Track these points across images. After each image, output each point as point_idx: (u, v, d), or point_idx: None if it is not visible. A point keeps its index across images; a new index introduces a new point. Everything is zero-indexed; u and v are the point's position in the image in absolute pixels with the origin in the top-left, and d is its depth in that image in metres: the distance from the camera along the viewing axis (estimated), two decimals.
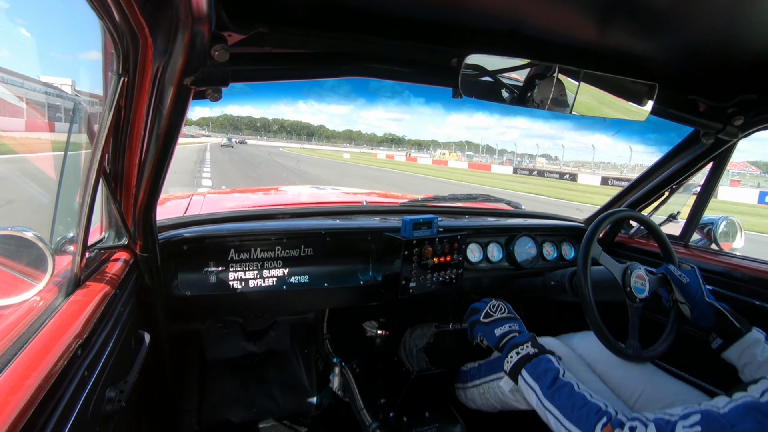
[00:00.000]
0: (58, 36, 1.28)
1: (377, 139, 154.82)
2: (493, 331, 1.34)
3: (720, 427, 0.83)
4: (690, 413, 0.89)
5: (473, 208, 2.18)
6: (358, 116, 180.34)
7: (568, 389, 1.09)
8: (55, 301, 0.81)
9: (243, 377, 1.93)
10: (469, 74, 1.09)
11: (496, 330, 1.34)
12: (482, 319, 1.39)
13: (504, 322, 1.35)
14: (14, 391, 0.54)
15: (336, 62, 1.07)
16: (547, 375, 1.14)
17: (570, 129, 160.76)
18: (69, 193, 0.96)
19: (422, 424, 1.55)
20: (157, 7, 0.75)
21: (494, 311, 1.38)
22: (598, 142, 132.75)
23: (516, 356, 1.23)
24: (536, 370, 1.17)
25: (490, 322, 1.36)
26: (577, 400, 1.06)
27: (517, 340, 1.27)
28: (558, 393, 1.09)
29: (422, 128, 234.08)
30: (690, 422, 0.87)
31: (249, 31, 0.89)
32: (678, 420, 0.89)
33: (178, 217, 1.51)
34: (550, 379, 1.13)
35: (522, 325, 1.35)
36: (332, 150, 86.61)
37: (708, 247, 1.82)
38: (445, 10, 0.97)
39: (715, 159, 1.66)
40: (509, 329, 1.32)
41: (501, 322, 1.35)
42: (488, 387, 1.55)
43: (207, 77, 0.86)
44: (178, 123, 0.94)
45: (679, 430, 0.87)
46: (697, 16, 0.91)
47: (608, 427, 0.98)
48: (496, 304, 1.39)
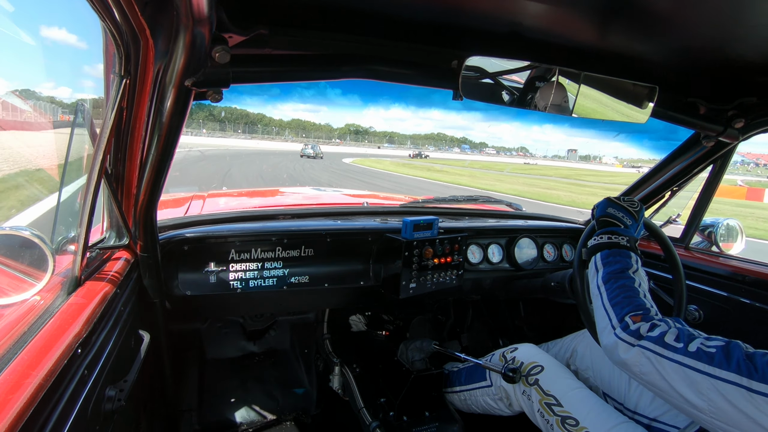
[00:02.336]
0: (59, 37, 1.29)
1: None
2: (608, 208, 1.29)
3: (738, 355, 0.82)
4: (715, 338, 0.89)
5: (473, 210, 2.18)
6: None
7: (627, 282, 1.08)
8: (55, 301, 0.82)
9: (243, 377, 1.94)
10: (470, 76, 1.10)
11: (611, 208, 1.29)
12: (613, 197, 1.34)
13: (623, 211, 1.28)
14: (15, 389, 0.54)
15: (336, 64, 1.07)
16: (617, 264, 1.13)
17: (479, 120, 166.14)
18: (70, 194, 0.97)
19: (422, 424, 1.55)
20: (158, 9, 0.75)
21: (626, 201, 1.32)
22: (502, 131, 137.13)
23: (605, 239, 1.20)
24: (612, 258, 1.16)
25: (614, 201, 1.31)
26: (627, 291, 1.06)
27: (619, 229, 1.23)
28: (616, 279, 1.09)
29: (338, 118, 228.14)
30: (711, 344, 0.86)
31: (249, 32, 0.90)
32: (701, 338, 0.89)
33: (178, 218, 1.52)
34: (618, 268, 1.12)
35: (635, 228, 1.27)
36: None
37: (708, 250, 1.82)
38: (445, 12, 0.97)
39: (715, 161, 1.66)
40: (622, 218, 1.27)
41: (621, 209, 1.29)
42: (469, 395, 1.55)
43: (208, 78, 0.86)
44: (179, 124, 0.94)
45: (696, 343, 0.87)
46: (697, 19, 0.91)
47: (637, 317, 0.99)
48: (635, 200, 1.32)
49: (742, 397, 0.77)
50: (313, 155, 34.86)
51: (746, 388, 0.77)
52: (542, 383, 1.30)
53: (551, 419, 1.24)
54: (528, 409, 1.33)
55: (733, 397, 0.79)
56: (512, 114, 10.86)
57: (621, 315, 1.01)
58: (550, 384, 1.29)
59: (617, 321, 1.01)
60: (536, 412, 1.29)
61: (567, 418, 1.20)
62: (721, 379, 0.81)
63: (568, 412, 1.21)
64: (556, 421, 1.22)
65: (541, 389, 1.29)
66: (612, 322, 1.02)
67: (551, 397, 1.26)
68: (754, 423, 0.76)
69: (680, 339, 0.90)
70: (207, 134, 76.96)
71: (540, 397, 1.28)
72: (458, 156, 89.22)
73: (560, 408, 1.23)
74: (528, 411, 1.34)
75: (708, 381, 0.82)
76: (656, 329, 0.94)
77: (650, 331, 0.94)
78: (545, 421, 1.26)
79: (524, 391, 1.33)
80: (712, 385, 0.82)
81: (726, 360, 0.82)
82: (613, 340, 0.99)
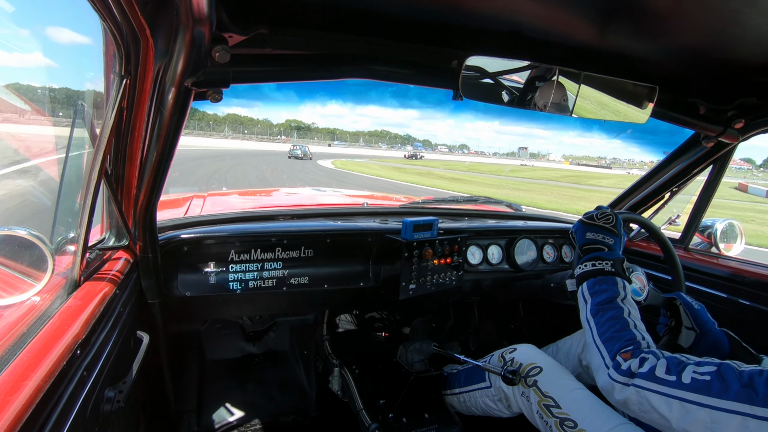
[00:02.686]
0: (60, 38, 1.29)
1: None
2: (587, 233, 1.28)
3: (734, 379, 0.81)
4: (706, 363, 0.87)
5: (473, 210, 2.18)
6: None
7: (615, 313, 1.08)
8: (55, 301, 0.81)
9: (242, 378, 1.93)
10: (470, 76, 1.09)
11: (589, 233, 1.28)
12: (584, 218, 1.33)
13: (602, 231, 1.27)
14: (14, 390, 0.54)
15: (336, 64, 1.07)
16: (603, 294, 1.13)
17: (416, 118, 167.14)
18: (70, 194, 0.97)
19: (421, 425, 1.55)
20: (158, 9, 0.75)
21: (600, 218, 1.30)
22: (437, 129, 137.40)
23: (590, 266, 1.20)
24: (598, 287, 1.15)
25: (589, 223, 1.30)
26: (616, 324, 1.05)
27: (602, 254, 1.22)
28: (604, 312, 1.09)
29: (274, 114, 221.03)
30: (703, 370, 0.85)
31: (250, 32, 0.90)
32: (691, 364, 0.88)
33: (178, 218, 1.52)
34: (605, 298, 1.12)
35: (619, 244, 1.26)
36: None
37: (708, 251, 1.82)
38: (445, 12, 0.97)
39: (715, 162, 1.67)
40: (602, 239, 1.25)
41: (599, 230, 1.27)
42: (468, 396, 1.55)
43: (208, 78, 0.86)
44: (179, 124, 0.94)
45: (688, 372, 0.86)
46: (697, 20, 0.91)
47: (627, 354, 0.98)
48: (609, 215, 1.30)
49: (747, 427, 0.77)
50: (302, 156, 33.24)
51: (751, 416, 0.76)
52: (541, 384, 1.29)
53: (550, 421, 1.23)
54: (527, 411, 1.33)
55: (738, 426, 0.78)
56: (448, 111, 10.14)
57: (613, 353, 1.00)
58: (549, 385, 1.28)
59: (610, 360, 1.00)
60: (535, 414, 1.29)
61: (565, 420, 1.20)
62: (723, 410, 0.79)
63: (567, 413, 1.21)
64: (554, 422, 1.22)
65: (539, 391, 1.29)
66: (605, 361, 1.01)
67: (550, 398, 1.26)
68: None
69: (671, 370, 0.88)
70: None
71: (539, 398, 1.28)
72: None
73: (558, 410, 1.23)
74: (527, 412, 1.33)
75: (711, 414, 0.81)
76: (645, 363, 0.93)
77: (640, 367, 0.93)
78: (544, 422, 1.25)
79: (523, 393, 1.33)
80: (716, 417, 0.80)
81: (724, 388, 0.81)
82: (608, 382, 0.99)
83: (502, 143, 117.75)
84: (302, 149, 35.15)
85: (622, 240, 1.28)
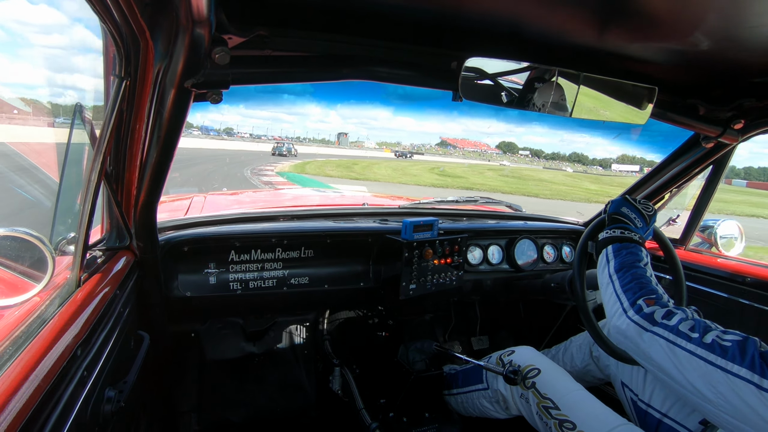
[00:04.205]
0: (61, 39, 1.29)
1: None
2: (623, 207, 1.28)
3: (753, 351, 0.81)
4: (732, 333, 0.87)
5: (473, 211, 2.18)
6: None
7: (639, 271, 1.07)
8: (55, 302, 0.82)
9: (243, 378, 1.93)
10: (469, 77, 1.10)
11: (625, 208, 1.27)
12: (630, 197, 1.32)
13: (638, 213, 1.27)
14: (14, 390, 0.54)
15: (336, 65, 1.07)
16: (629, 256, 1.12)
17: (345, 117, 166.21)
18: (70, 194, 0.97)
19: (421, 425, 1.55)
20: (158, 11, 0.75)
21: (642, 204, 1.30)
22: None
23: (617, 233, 1.19)
24: (624, 251, 1.15)
25: (630, 201, 1.29)
26: (641, 279, 1.05)
27: (630, 226, 1.22)
28: (628, 269, 1.09)
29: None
30: (727, 337, 0.85)
31: (249, 33, 0.90)
32: (717, 330, 0.88)
33: (178, 219, 1.52)
34: (630, 259, 1.11)
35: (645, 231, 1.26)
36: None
37: (708, 251, 1.82)
38: (445, 13, 0.98)
39: (714, 162, 1.67)
40: (634, 218, 1.25)
41: (636, 211, 1.27)
42: (466, 397, 1.55)
43: (208, 80, 0.86)
44: (179, 125, 0.94)
45: (711, 335, 0.86)
46: (696, 21, 0.91)
47: (651, 300, 0.97)
48: (650, 205, 1.30)
49: (752, 394, 0.77)
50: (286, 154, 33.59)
51: (757, 386, 0.77)
52: (539, 386, 1.29)
53: (549, 422, 1.24)
54: (526, 412, 1.33)
55: (743, 392, 0.78)
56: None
57: (633, 299, 1.00)
58: (547, 387, 1.29)
59: (629, 304, 1.00)
60: (535, 415, 1.29)
61: (564, 422, 1.20)
62: (732, 373, 0.80)
63: (566, 415, 1.21)
64: (554, 424, 1.22)
65: (538, 392, 1.29)
66: (624, 305, 1.01)
67: (548, 400, 1.26)
68: (762, 419, 0.76)
69: (696, 329, 0.89)
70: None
71: (537, 400, 1.28)
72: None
73: (557, 411, 1.23)
74: (526, 414, 1.34)
75: (719, 374, 0.81)
76: (673, 317, 0.92)
77: (665, 318, 0.93)
78: (544, 423, 1.26)
79: (522, 394, 1.33)
80: (724, 378, 0.81)
81: (740, 355, 0.81)
82: (625, 322, 0.98)
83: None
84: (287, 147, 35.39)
85: (649, 231, 1.29)
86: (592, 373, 1.58)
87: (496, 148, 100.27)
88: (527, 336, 2.28)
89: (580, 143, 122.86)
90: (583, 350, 1.61)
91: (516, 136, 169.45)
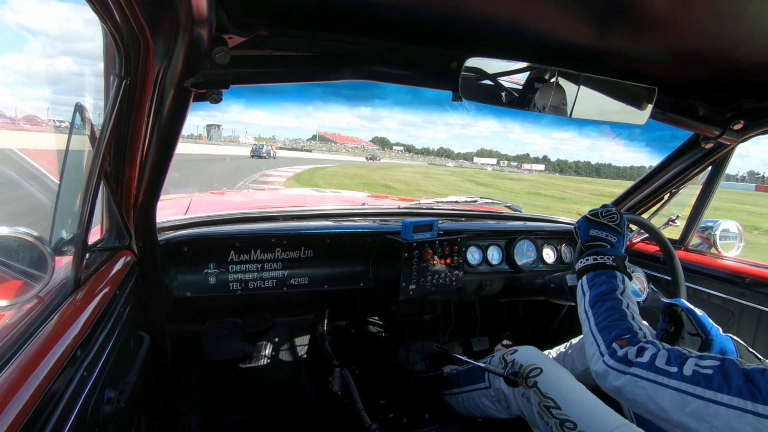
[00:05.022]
0: (61, 39, 1.29)
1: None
2: (590, 230, 1.28)
3: (737, 375, 0.79)
4: (709, 357, 0.85)
5: (473, 211, 2.18)
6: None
7: (613, 304, 1.07)
8: (54, 302, 0.81)
9: (242, 378, 1.93)
10: (469, 77, 1.10)
11: (593, 230, 1.28)
12: (589, 214, 1.33)
13: (605, 229, 1.27)
14: (14, 391, 0.54)
15: (336, 65, 1.07)
16: (603, 286, 1.12)
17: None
18: (69, 194, 0.96)
19: (422, 426, 1.55)
20: (159, 10, 0.75)
21: (604, 216, 1.30)
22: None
23: (591, 261, 1.20)
24: (597, 280, 1.14)
25: (593, 220, 1.30)
26: (614, 314, 1.04)
27: (604, 250, 1.22)
28: (602, 303, 1.08)
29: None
30: (705, 363, 0.83)
31: (249, 33, 0.90)
32: (693, 357, 0.86)
33: (178, 219, 1.52)
34: (604, 289, 1.11)
35: (621, 242, 1.27)
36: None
37: (708, 251, 1.82)
38: (445, 13, 0.98)
39: (714, 163, 1.67)
40: (605, 237, 1.26)
41: (602, 227, 1.27)
42: (467, 397, 1.55)
43: (208, 80, 0.86)
44: (179, 125, 0.94)
45: (690, 365, 0.84)
46: (696, 21, 0.92)
47: (623, 341, 0.96)
48: (613, 212, 1.30)
49: (748, 423, 0.75)
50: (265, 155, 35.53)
51: (752, 413, 0.75)
52: (541, 386, 1.29)
53: (550, 422, 1.24)
54: (527, 412, 1.33)
55: (738, 422, 0.76)
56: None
57: (608, 340, 0.99)
58: (549, 386, 1.29)
59: (605, 347, 0.99)
60: (536, 414, 1.29)
61: (565, 421, 1.20)
62: (723, 404, 0.78)
63: (567, 414, 1.21)
64: (555, 423, 1.22)
65: (539, 392, 1.29)
66: (600, 348, 1.00)
67: (549, 399, 1.26)
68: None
69: (672, 362, 0.87)
70: None
71: (539, 399, 1.28)
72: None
73: (559, 411, 1.23)
74: (527, 413, 1.34)
75: (710, 408, 0.79)
76: (645, 353, 0.91)
77: (639, 356, 0.91)
78: (545, 423, 1.26)
79: (524, 394, 1.33)
80: (715, 411, 0.79)
81: (726, 383, 0.79)
82: (602, 368, 0.97)
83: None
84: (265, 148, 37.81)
85: (624, 239, 1.28)
86: (592, 376, 1.58)
87: (371, 142, 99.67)
88: (527, 336, 2.28)
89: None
90: (584, 354, 1.61)
91: (387, 131, 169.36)
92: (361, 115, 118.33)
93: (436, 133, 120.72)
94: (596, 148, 54.92)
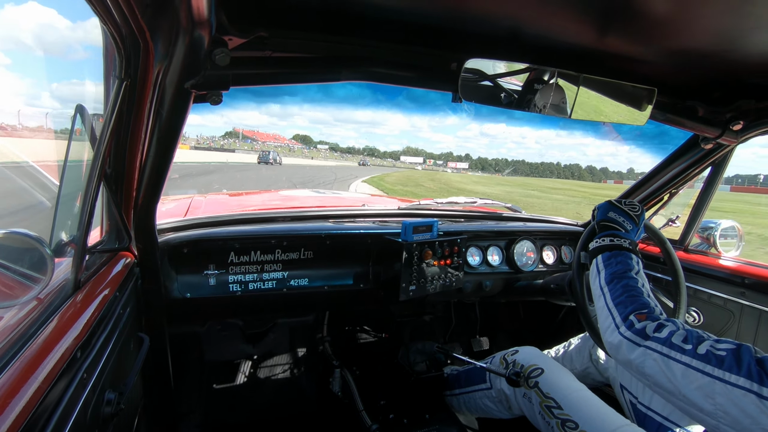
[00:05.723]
0: (61, 40, 1.29)
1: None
2: (610, 212, 1.29)
3: (749, 359, 0.79)
4: (726, 341, 0.85)
5: (473, 212, 2.19)
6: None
7: (630, 282, 1.07)
8: (54, 303, 0.81)
9: (242, 379, 1.93)
10: (469, 78, 1.10)
11: (612, 213, 1.29)
12: (615, 200, 1.33)
13: (625, 216, 1.28)
14: (13, 392, 0.54)
15: (336, 66, 1.07)
16: (619, 265, 1.12)
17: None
18: (69, 196, 0.96)
19: (422, 426, 1.55)
20: (159, 12, 0.75)
21: (628, 205, 1.31)
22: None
23: (607, 241, 1.20)
24: (614, 260, 1.15)
25: (616, 205, 1.30)
26: (632, 291, 1.04)
27: (619, 233, 1.22)
28: (619, 280, 1.08)
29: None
30: (721, 346, 0.84)
31: (249, 35, 0.90)
32: (710, 340, 0.86)
33: (178, 220, 1.52)
34: (620, 269, 1.11)
35: (635, 233, 1.27)
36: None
37: (708, 251, 1.82)
38: (445, 14, 0.98)
39: (713, 163, 1.67)
40: (622, 222, 1.27)
41: (623, 213, 1.28)
42: (468, 397, 1.55)
43: (208, 81, 0.86)
44: (179, 126, 0.94)
45: (705, 346, 0.85)
46: (696, 22, 0.92)
47: (642, 315, 0.96)
48: (636, 205, 1.31)
49: (752, 403, 0.76)
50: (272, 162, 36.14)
51: (757, 395, 0.75)
52: (542, 386, 1.30)
53: (552, 422, 1.24)
54: (529, 412, 1.33)
55: (743, 402, 0.77)
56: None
57: (625, 313, 0.99)
58: (550, 386, 1.29)
59: (621, 320, 0.99)
60: (537, 414, 1.29)
61: (567, 421, 1.20)
62: (730, 383, 0.79)
63: (568, 414, 1.21)
64: (556, 423, 1.22)
65: (540, 392, 1.29)
66: (615, 320, 1.00)
67: (551, 399, 1.26)
68: (762, 429, 0.74)
69: (689, 340, 0.88)
70: None
71: (540, 399, 1.28)
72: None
73: (560, 411, 1.23)
74: (529, 413, 1.34)
75: (717, 385, 0.80)
76: (664, 329, 0.92)
77: (657, 331, 0.92)
78: (546, 423, 1.26)
79: (525, 394, 1.33)
80: (721, 389, 0.79)
81: (737, 364, 0.80)
82: (617, 338, 0.97)
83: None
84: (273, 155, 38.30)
85: (639, 232, 1.29)
86: (591, 376, 1.58)
87: (293, 140, 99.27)
88: (527, 337, 2.28)
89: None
90: (583, 354, 1.62)
91: (300, 128, 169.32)
92: (270, 112, 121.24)
93: (347, 131, 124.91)
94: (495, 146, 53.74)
